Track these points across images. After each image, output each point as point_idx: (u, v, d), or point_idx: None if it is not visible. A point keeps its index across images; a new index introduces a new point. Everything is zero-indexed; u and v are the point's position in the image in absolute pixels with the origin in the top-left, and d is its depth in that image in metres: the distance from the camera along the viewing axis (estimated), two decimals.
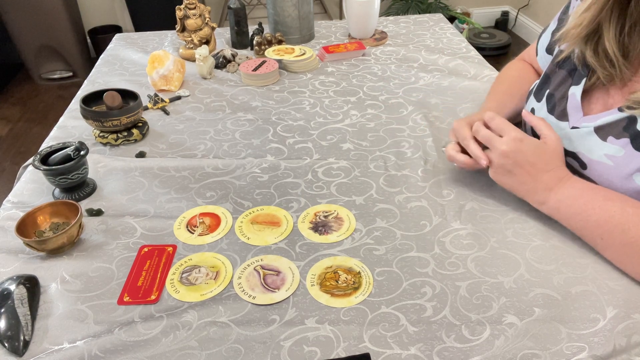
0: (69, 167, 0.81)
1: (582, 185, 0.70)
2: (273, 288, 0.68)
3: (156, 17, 2.92)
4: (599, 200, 0.67)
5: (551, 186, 0.71)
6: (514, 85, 0.96)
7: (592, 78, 0.74)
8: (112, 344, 0.61)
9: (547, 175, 0.71)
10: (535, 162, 0.71)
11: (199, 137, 1.01)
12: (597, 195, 0.68)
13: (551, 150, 0.72)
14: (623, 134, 0.67)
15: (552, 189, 0.71)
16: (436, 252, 0.72)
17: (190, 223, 0.79)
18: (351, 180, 0.87)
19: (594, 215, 0.67)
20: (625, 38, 0.69)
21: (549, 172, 0.71)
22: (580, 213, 0.68)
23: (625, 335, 0.59)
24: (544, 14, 3.14)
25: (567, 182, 0.70)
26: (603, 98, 0.73)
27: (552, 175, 0.71)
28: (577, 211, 0.69)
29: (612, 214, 0.65)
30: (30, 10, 2.74)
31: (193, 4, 1.29)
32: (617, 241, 0.65)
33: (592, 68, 0.73)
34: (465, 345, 0.59)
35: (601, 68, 0.71)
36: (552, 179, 0.71)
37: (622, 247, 0.65)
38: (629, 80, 0.70)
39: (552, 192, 0.71)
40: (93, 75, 1.29)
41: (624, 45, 0.70)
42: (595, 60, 0.72)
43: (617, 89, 0.71)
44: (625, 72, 0.70)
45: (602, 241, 0.67)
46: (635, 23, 0.68)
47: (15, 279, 0.67)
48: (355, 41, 1.39)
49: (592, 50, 0.72)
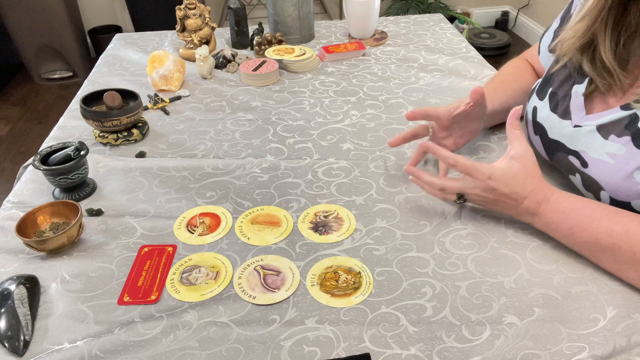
0: (69, 167, 0.81)
1: (565, 207, 0.68)
2: (273, 288, 0.68)
3: (156, 17, 2.92)
4: (584, 222, 0.66)
5: (533, 211, 0.70)
6: (505, 81, 0.96)
7: (591, 86, 0.74)
8: (112, 344, 0.61)
9: (526, 202, 0.70)
10: (510, 193, 0.70)
11: (199, 137, 1.01)
12: (581, 217, 0.66)
13: (523, 171, 0.69)
14: (624, 132, 0.67)
15: (535, 214, 0.70)
16: (436, 252, 0.72)
17: (191, 223, 0.79)
18: (351, 180, 0.87)
19: (581, 239, 0.67)
20: (621, 48, 0.69)
21: (526, 197, 0.69)
22: (568, 236, 0.68)
23: (625, 335, 0.59)
24: (544, 14, 3.14)
25: (548, 205, 0.69)
26: (604, 97, 0.73)
27: (531, 201, 0.69)
28: (564, 234, 0.68)
29: (599, 237, 0.65)
30: (30, 10, 2.74)
31: (193, 4, 1.30)
32: (609, 260, 0.65)
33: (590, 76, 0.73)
34: (466, 345, 0.59)
35: (599, 77, 0.71)
36: (532, 203, 0.69)
37: (614, 265, 0.65)
38: (628, 89, 0.70)
39: (535, 217, 0.70)
40: (93, 75, 1.29)
41: (621, 56, 0.70)
42: (592, 69, 0.72)
43: (616, 95, 0.71)
44: (623, 81, 0.70)
45: (595, 259, 0.67)
46: (632, 34, 0.68)
47: (16, 279, 0.67)
48: (355, 41, 1.39)
49: (589, 61, 0.72)
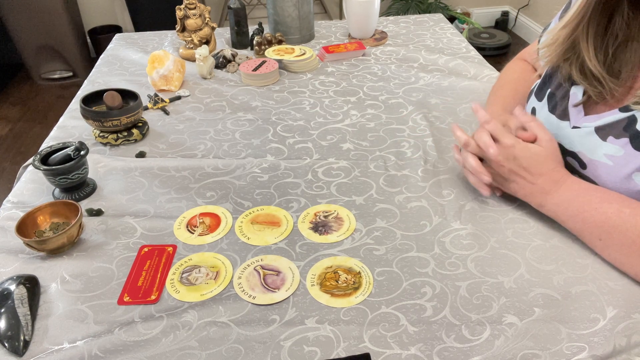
0: (69, 167, 0.81)
1: (579, 187, 0.69)
2: (273, 288, 0.68)
3: (156, 17, 2.92)
4: (596, 202, 0.67)
5: (548, 189, 0.71)
6: (517, 87, 0.96)
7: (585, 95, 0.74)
8: (112, 344, 0.61)
9: (542, 179, 0.71)
10: (529, 166, 0.71)
11: (199, 137, 1.01)
12: (593, 197, 0.67)
13: (545, 152, 0.71)
14: (623, 134, 0.67)
15: (549, 192, 0.71)
16: (436, 252, 0.72)
17: (190, 223, 0.79)
18: (351, 180, 0.87)
19: (590, 217, 0.67)
20: (611, 59, 0.70)
21: (543, 175, 0.71)
22: (578, 215, 0.68)
23: (625, 335, 0.59)
24: (544, 14, 3.14)
25: (563, 185, 0.70)
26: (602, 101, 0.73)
27: (547, 179, 0.71)
28: (574, 213, 0.69)
29: (609, 216, 0.65)
30: (30, 10, 2.74)
31: (193, 4, 1.30)
32: (615, 242, 0.65)
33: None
34: (465, 345, 0.59)
35: (591, 87, 0.72)
36: (548, 182, 0.71)
37: (620, 248, 0.65)
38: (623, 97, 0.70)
39: (549, 195, 0.71)
40: (93, 75, 1.29)
41: (611, 65, 0.70)
42: (583, 80, 0.72)
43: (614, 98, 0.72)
44: (616, 90, 0.70)
45: (601, 242, 0.67)
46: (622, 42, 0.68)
47: (16, 279, 0.67)
48: (355, 41, 1.39)
49: (579, 71, 0.72)
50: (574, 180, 0.71)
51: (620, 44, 0.69)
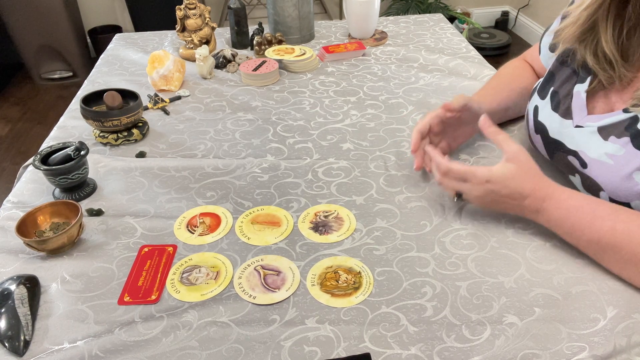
0: (69, 167, 0.81)
1: (568, 204, 0.68)
2: (273, 288, 0.68)
3: (156, 17, 2.92)
4: (587, 220, 0.66)
5: (536, 208, 0.70)
6: (503, 81, 0.96)
7: (594, 82, 0.74)
8: (112, 344, 0.61)
9: (528, 201, 0.69)
10: (511, 193, 0.69)
11: (199, 137, 1.01)
12: (584, 215, 0.66)
13: (519, 170, 0.69)
14: (624, 133, 0.67)
15: (539, 211, 0.70)
16: (436, 252, 0.72)
17: (191, 223, 0.79)
18: (351, 180, 0.87)
19: (583, 237, 0.67)
20: (624, 41, 0.69)
21: (528, 197, 0.69)
22: (570, 234, 0.68)
23: (626, 335, 0.59)
24: (544, 14, 3.14)
25: (550, 202, 0.68)
26: (606, 97, 0.73)
27: (533, 199, 0.69)
28: (567, 232, 0.68)
29: (602, 235, 0.64)
30: (30, 10, 2.74)
31: (193, 4, 1.29)
32: (611, 259, 0.66)
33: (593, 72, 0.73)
34: (466, 345, 0.59)
35: (602, 71, 0.71)
36: (534, 202, 0.69)
37: (616, 264, 0.65)
38: (629, 82, 0.70)
39: (539, 214, 0.70)
40: (93, 75, 1.29)
41: (624, 48, 0.70)
42: (595, 63, 0.72)
43: (618, 92, 0.72)
44: (625, 74, 0.70)
45: (597, 257, 0.67)
46: (633, 26, 0.68)
47: (16, 279, 0.67)
48: (355, 41, 1.39)
49: (592, 54, 0.72)
50: (560, 195, 0.68)
51: (633, 26, 0.69)
